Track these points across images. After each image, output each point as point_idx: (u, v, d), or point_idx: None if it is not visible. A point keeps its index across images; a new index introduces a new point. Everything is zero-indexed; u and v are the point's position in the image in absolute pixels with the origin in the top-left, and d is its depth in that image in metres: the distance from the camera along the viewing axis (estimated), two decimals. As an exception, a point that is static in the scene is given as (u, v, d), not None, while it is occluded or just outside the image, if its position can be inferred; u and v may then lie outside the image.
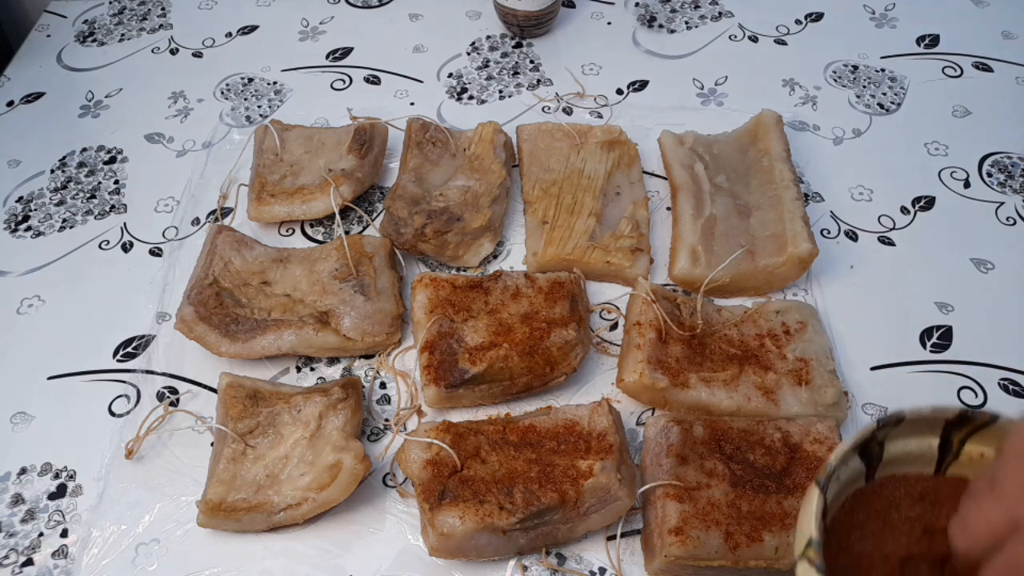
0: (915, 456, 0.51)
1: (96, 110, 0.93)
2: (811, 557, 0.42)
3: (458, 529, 0.56)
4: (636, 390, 0.65)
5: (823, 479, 0.45)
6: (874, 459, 0.50)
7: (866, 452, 0.49)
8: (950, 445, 0.50)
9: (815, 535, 0.42)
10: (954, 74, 0.96)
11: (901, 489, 0.50)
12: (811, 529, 0.43)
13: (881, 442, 0.49)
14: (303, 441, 0.62)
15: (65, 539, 0.62)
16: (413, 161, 0.80)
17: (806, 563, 0.42)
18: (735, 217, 0.77)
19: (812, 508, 0.44)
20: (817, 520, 0.43)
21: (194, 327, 0.68)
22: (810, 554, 0.42)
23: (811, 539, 0.42)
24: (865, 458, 0.49)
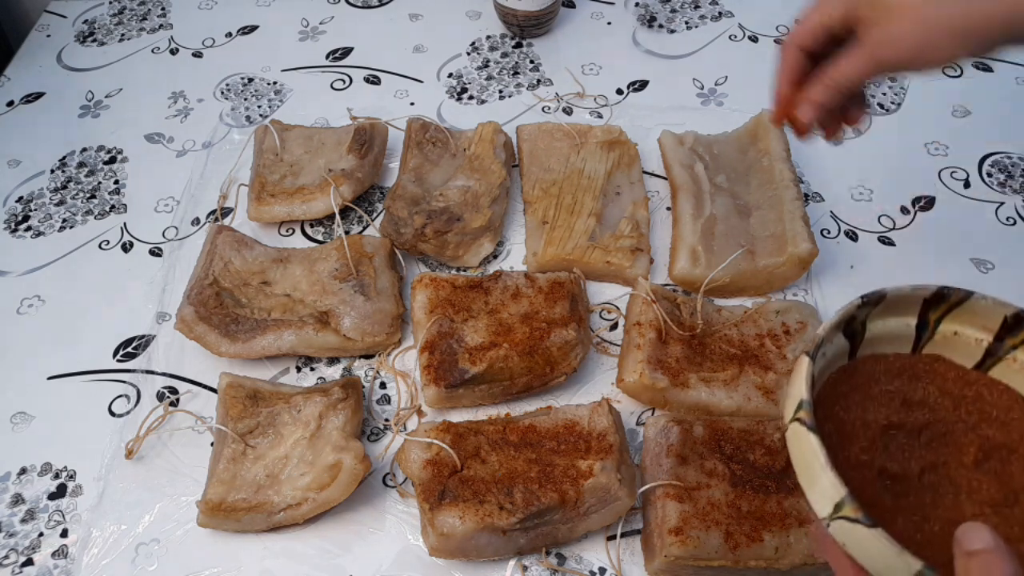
0: (894, 335, 0.54)
1: (96, 110, 0.93)
2: (802, 417, 0.45)
3: (458, 529, 0.56)
4: (636, 390, 0.65)
5: (812, 349, 0.47)
6: (856, 338, 0.53)
7: (849, 331, 0.52)
8: (927, 324, 0.53)
9: (806, 396, 0.45)
10: (954, 74, 0.96)
11: (881, 365, 0.53)
12: (802, 392, 0.45)
13: (863, 321, 0.52)
14: (303, 441, 0.62)
15: (65, 539, 0.62)
16: (413, 161, 0.80)
17: (797, 424, 0.45)
18: (735, 217, 0.77)
19: (802, 374, 0.46)
20: (807, 384, 0.46)
21: (194, 327, 0.68)
22: (801, 415, 0.45)
23: (802, 400, 0.45)
24: (848, 337, 0.52)
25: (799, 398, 0.46)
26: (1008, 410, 0.52)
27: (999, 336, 0.52)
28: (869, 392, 0.52)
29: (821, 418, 0.50)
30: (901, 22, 0.46)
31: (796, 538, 0.56)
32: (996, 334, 0.52)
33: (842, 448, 0.49)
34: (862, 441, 0.50)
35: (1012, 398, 0.52)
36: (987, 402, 0.52)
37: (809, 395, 0.45)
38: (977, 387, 0.53)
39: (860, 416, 0.51)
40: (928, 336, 0.54)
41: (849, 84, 0.50)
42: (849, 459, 0.49)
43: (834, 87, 0.50)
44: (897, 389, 0.52)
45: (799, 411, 0.45)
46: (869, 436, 0.50)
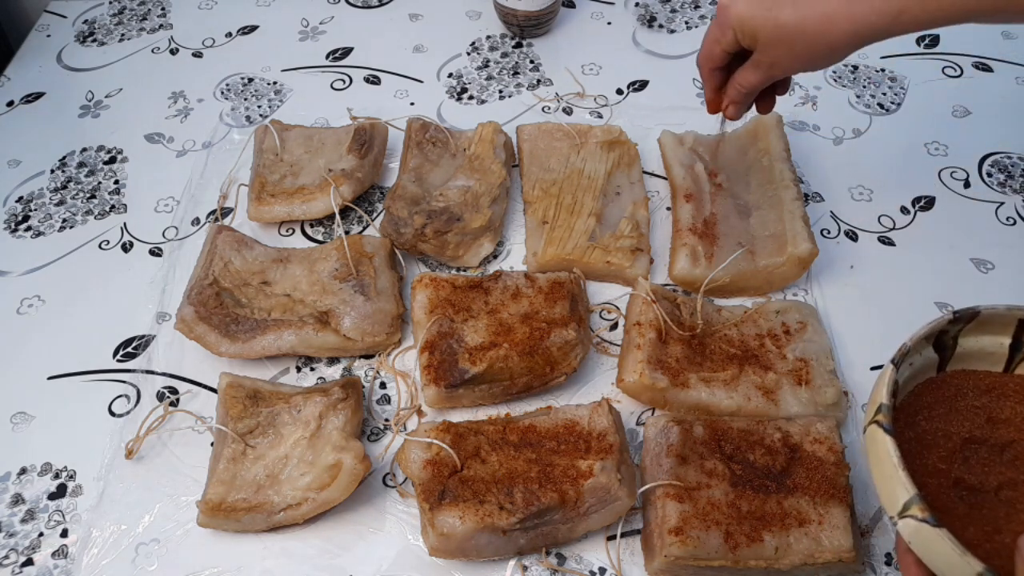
0: (987, 353, 0.54)
1: (96, 110, 0.93)
2: (880, 420, 0.45)
3: (458, 529, 0.56)
4: (636, 390, 0.65)
5: (897, 356, 0.48)
6: (947, 351, 0.53)
7: (939, 344, 0.52)
8: (1021, 344, 0.53)
9: (886, 401, 0.46)
10: (954, 74, 0.96)
11: (969, 381, 0.53)
12: (883, 396, 0.46)
13: (955, 336, 0.52)
14: (303, 441, 0.62)
15: (65, 539, 0.62)
16: (413, 161, 0.80)
17: (875, 426, 0.45)
18: (735, 217, 0.77)
19: (885, 379, 0.47)
20: (889, 389, 0.46)
21: (194, 327, 0.68)
22: (879, 417, 0.45)
23: (881, 404, 0.46)
24: (938, 350, 0.52)
25: (879, 402, 0.46)
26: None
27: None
28: (955, 405, 0.52)
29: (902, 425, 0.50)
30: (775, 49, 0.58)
31: (796, 538, 0.56)
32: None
33: (920, 456, 0.49)
34: (941, 451, 0.50)
35: None
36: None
37: (889, 399, 0.46)
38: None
39: (942, 427, 0.51)
40: (1022, 357, 0.53)
41: (752, 88, 0.63)
42: (926, 466, 0.49)
43: (743, 91, 0.64)
44: (984, 405, 0.52)
45: (878, 414, 0.45)
46: (949, 447, 0.50)
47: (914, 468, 0.47)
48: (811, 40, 0.56)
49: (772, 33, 0.57)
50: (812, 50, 0.56)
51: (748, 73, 0.61)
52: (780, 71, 0.60)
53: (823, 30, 0.55)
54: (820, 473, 0.59)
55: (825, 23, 0.55)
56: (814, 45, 0.56)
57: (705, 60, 0.63)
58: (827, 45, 0.56)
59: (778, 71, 0.60)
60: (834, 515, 0.57)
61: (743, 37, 0.59)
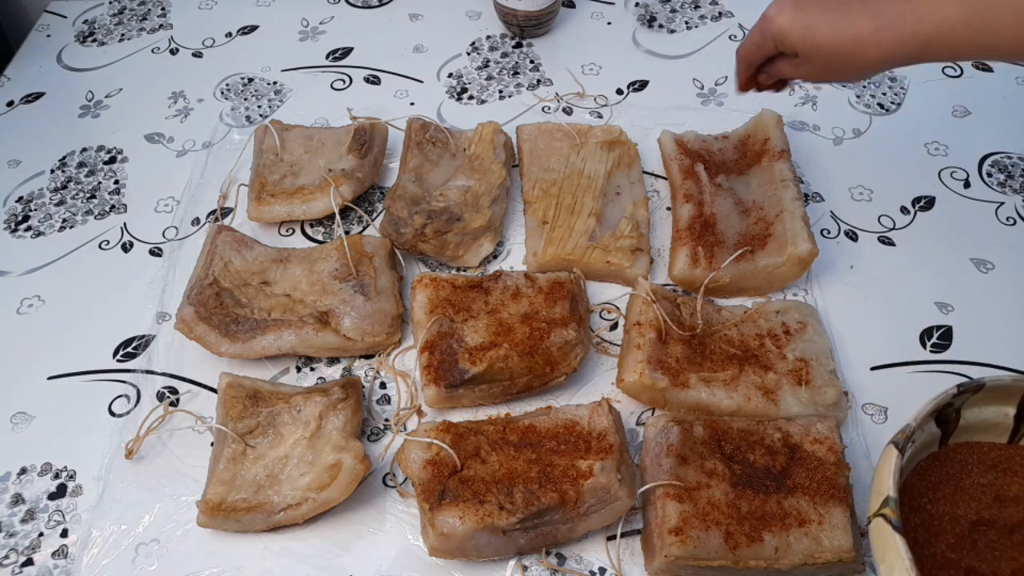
0: (991, 424, 0.52)
1: (96, 110, 0.93)
2: (887, 515, 0.43)
3: (458, 529, 0.56)
4: (636, 390, 0.65)
5: (901, 441, 0.46)
6: (950, 424, 0.51)
7: (942, 417, 0.50)
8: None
9: (892, 493, 0.43)
10: (954, 74, 0.96)
11: (974, 456, 0.52)
12: (888, 488, 0.44)
13: (958, 408, 0.50)
14: (303, 441, 0.62)
15: (65, 539, 0.62)
16: (413, 161, 0.80)
17: (882, 520, 0.43)
18: (735, 217, 0.77)
19: (890, 468, 0.45)
20: (894, 480, 0.44)
21: (194, 327, 0.68)
22: (886, 512, 0.43)
23: (888, 497, 0.44)
24: (941, 423, 0.50)
25: (885, 494, 0.44)
26: None
27: None
28: (960, 484, 0.50)
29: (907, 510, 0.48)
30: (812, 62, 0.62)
31: (796, 538, 0.56)
32: None
33: (928, 544, 0.47)
34: (949, 537, 0.48)
35: None
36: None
37: (896, 491, 0.44)
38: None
39: (949, 510, 0.49)
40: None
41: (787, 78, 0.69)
42: (935, 556, 0.47)
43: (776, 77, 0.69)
44: (990, 483, 0.50)
45: (884, 507, 0.43)
46: (957, 532, 0.48)
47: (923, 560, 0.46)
48: (844, 60, 0.59)
49: (808, 51, 0.61)
50: (845, 69, 0.61)
51: (787, 67, 0.66)
52: (816, 79, 0.66)
53: (854, 52, 0.58)
54: (820, 473, 0.59)
55: (856, 47, 0.58)
56: (846, 65, 0.60)
57: (744, 58, 0.68)
58: (858, 67, 0.60)
59: (814, 78, 0.66)
60: (834, 515, 0.57)
61: (783, 48, 0.63)
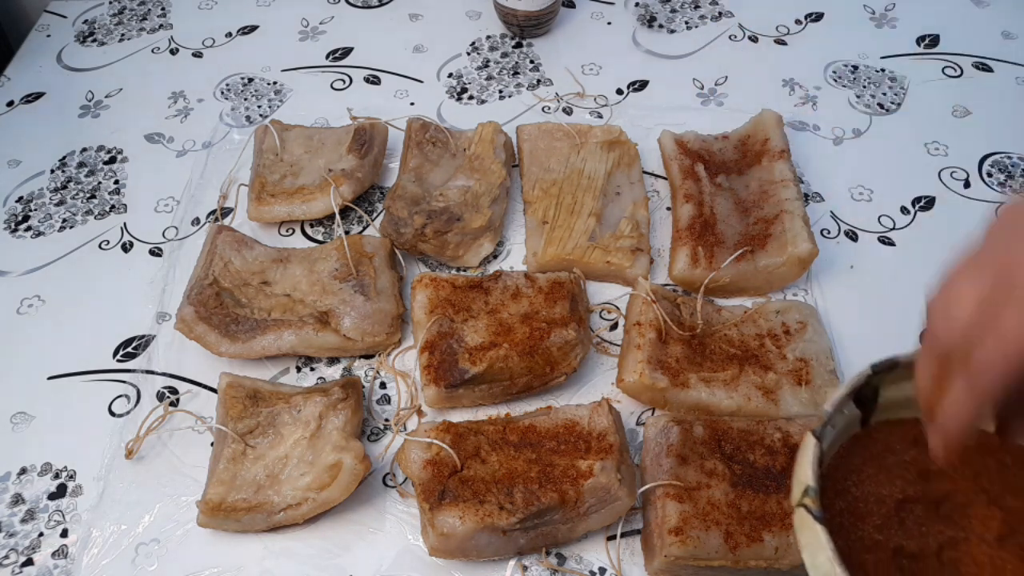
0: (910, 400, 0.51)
1: (96, 110, 0.93)
2: (808, 504, 0.42)
3: (458, 529, 0.56)
4: (636, 390, 0.65)
5: (819, 428, 0.45)
6: (869, 404, 0.50)
7: (860, 398, 0.50)
8: None
9: (811, 483, 0.43)
10: (954, 74, 0.96)
11: (896, 433, 0.51)
12: (807, 477, 0.43)
13: (876, 387, 0.50)
14: (303, 441, 0.62)
15: (65, 539, 0.62)
16: (413, 161, 0.80)
17: (803, 511, 0.43)
18: (735, 217, 0.77)
19: (808, 456, 0.44)
20: (813, 468, 0.44)
21: (194, 327, 0.68)
22: (807, 501, 0.43)
23: (807, 487, 0.43)
24: (860, 404, 0.50)
25: (804, 484, 0.43)
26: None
27: None
28: (883, 463, 0.50)
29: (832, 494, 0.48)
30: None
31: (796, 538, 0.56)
32: None
33: (854, 527, 0.47)
34: (876, 518, 0.47)
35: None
36: (1010, 471, 0.49)
37: (815, 480, 0.43)
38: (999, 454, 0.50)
39: (874, 491, 0.48)
40: None
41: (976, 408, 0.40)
42: (863, 539, 0.47)
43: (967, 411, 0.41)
44: (913, 459, 0.50)
45: (804, 497, 0.43)
46: (883, 512, 0.48)
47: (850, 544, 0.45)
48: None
49: None
50: None
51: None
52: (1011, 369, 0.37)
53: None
54: (820, 473, 0.58)
55: None
56: None
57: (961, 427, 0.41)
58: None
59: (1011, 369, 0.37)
60: (834, 515, 0.57)
61: None
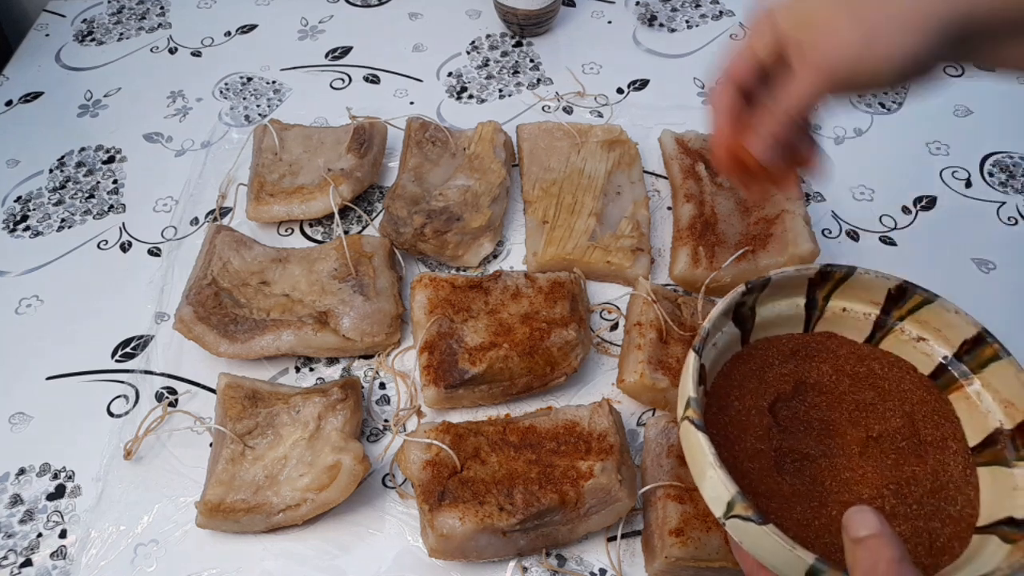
0: (785, 317, 0.54)
1: (95, 109, 0.93)
2: (690, 416, 0.44)
3: (458, 530, 0.55)
4: (636, 390, 0.65)
5: (698, 343, 0.48)
6: (747, 323, 0.53)
7: (739, 318, 0.52)
8: (815, 303, 0.54)
9: (692, 394, 0.45)
10: (955, 73, 0.96)
11: (773, 348, 0.54)
12: (689, 390, 0.45)
13: (752, 307, 0.53)
14: (302, 442, 0.62)
15: (64, 540, 0.62)
16: (413, 161, 0.80)
17: (687, 423, 0.45)
18: (736, 217, 0.77)
19: (689, 370, 0.46)
20: (694, 381, 0.46)
21: (193, 327, 0.68)
22: (689, 413, 0.45)
23: (689, 399, 0.45)
24: (739, 323, 0.53)
25: (687, 396, 0.45)
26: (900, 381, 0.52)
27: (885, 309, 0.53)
28: (764, 377, 0.52)
29: (716, 410, 0.50)
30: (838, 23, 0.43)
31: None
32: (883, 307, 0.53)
33: (738, 439, 0.49)
34: (758, 430, 0.50)
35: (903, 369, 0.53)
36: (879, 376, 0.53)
37: (696, 391, 0.46)
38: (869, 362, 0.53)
39: (755, 403, 0.51)
40: (818, 315, 0.55)
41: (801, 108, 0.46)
42: (746, 449, 0.49)
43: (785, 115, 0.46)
44: (791, 371, 0.53)
45: (688, 409, 0.45)
46: (765, 424, 0.50)
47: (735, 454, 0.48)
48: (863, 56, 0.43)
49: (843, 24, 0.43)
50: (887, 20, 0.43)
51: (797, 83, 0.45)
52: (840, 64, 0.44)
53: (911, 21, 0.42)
54: (820, 473, 0.59)
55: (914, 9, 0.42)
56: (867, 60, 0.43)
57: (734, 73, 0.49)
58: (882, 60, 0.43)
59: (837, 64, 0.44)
60: (834, 515, 0.57)
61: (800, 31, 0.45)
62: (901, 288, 0.52)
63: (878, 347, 0.54)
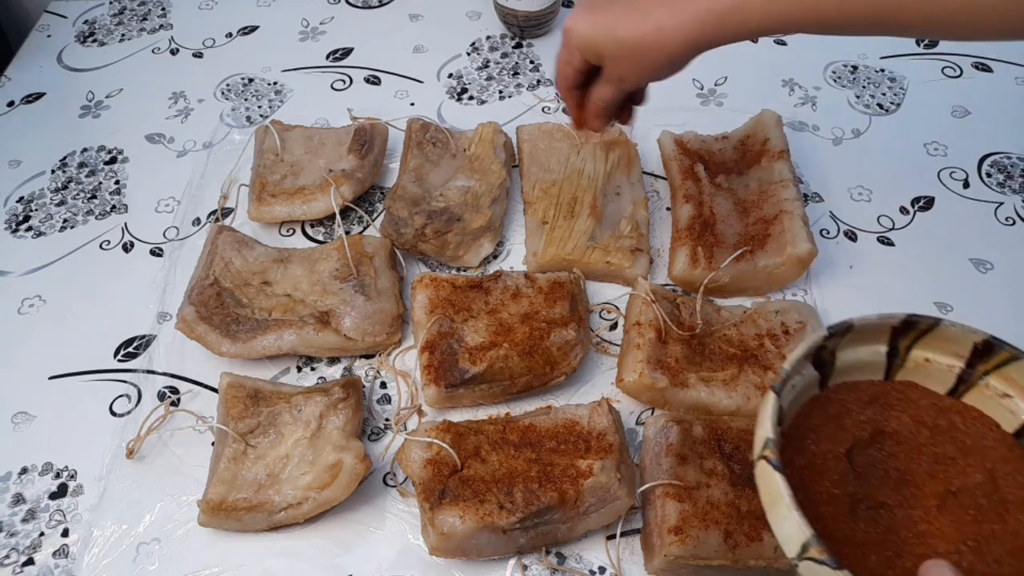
0: (865, 363, 0.54)
1: (96, 110, 0.94)
2: (767, 456, 0.44)
3: (458, 528, 0.56)
4: (636, 390, 0.66)
5: (778, 384, 0.47)
6: (827, 367, 0.53)
7: (819, 361, 0.52)
8: (897, 351, 0.54)
9: (771, 435, 0.45)
10: (953, 74, 0.96)
11: (852, 394, 0.53)
12: (767, 430, 0.45)
13: (832, 351, 0.52)
14: (304, 441, 0.62)
15: (66, 539, 0.62)
16: (413, 161, 0.80)
17: (764, 462, 0.44)
18: (735, 217, 0.77)
19: (768, 411, 0.46)
20: (772, 422, 0.45)
21: (195, 327, 0.68)
22: (767, 453, 0.44)
23: (767, 439, 0.45)
24: (818, 367, 0.52)
25: (765, 436, 0.45)
26: (982, 438, 0.51)
27: (970, 363, 0.52)
28: (842, 422, 0.51)
29: (792, 452, 0.49)
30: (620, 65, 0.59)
31: (795, 537, 0.56)
32: (967, 360, 0.52)
33: (814, 483, 0.48)
34: (833, 475, 0.49)
35: (986, 425, 0.52)
36: (960, 430, 0.52)
37: (775, 432, 0.45)
38: (951, 415, 0.52)
39: (832, 449, 0.50)
40: (899, 363, 0.54)
41: (608, 102, 0.64)
42: (821, 494, 0.48)
43: (600, 106, 0.64)
44: (869, 419, 0.52)
45: (765, 448, 0.45)
46: (841, 469, 0.49)
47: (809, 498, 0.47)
48: (650, 53, 0.57)
49: (615, 51, 0.58)
50: (654, 62, 0.58)
51: (602, 89, 0.63)
52: (629, 84, 0.62)
53: (658, 42, 0.56)
54: (819, 472, 0.59)
55: (658, 36, 0.56)
56: (654, 57, 0.57)
57: (561, 82, 0.65)
58: (666, 56, 0.57)
59: (628, 84, 0.62)
60: (833, 514, 0.57)
61: (590, 56, 0.60)
62: (988, 343, 0.51)
63: (960, 400, 0.53)
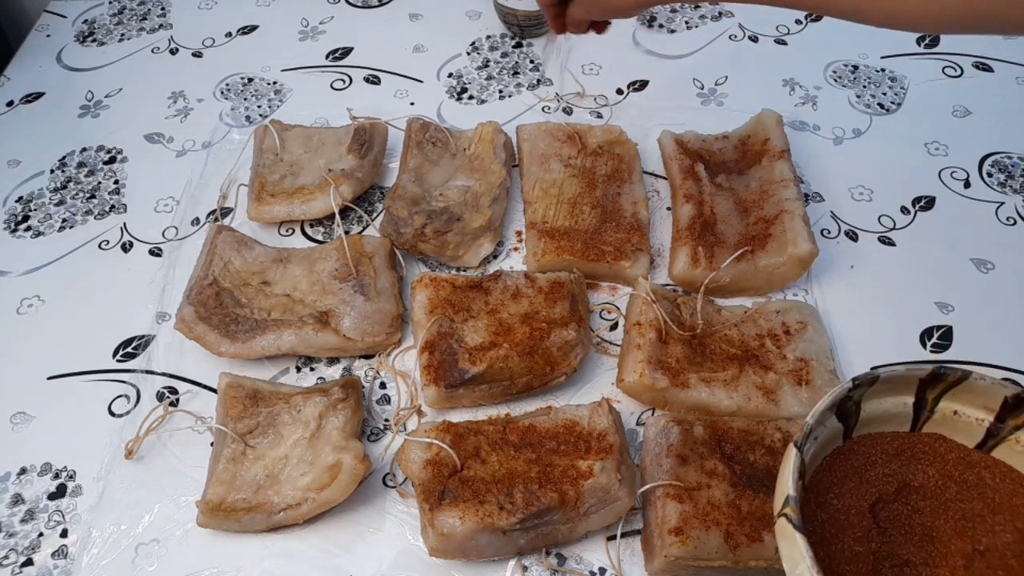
0: (891, 415, 0.52)
1: (96, 110, 0.93)
2: (788, 514, 0.43)
3: (458, 529, 0.56)
4: (636, 390, 0.65)
5: (800, 439, 0.46)
6: (851, 418, 0.51)
7: (843, 412, 0.51)
8: (925, 403, 0.52)
9: (792, 492, 0.44)
10: (954, 74, 0.96)
11: (877, 447, 0.52)
12: (788, 487, 0.44)
13: (857, 402, 0.51)
14: (303, 441, 0.62)
15: (65, 539, 0.62)
16: (413, 161, 0.80)
17: (784, 520, 0.43)
18: (735, 217, 0.77)
19: (790, 467, 0.45)
20: (794, 478, 0.44)
21: (194, 327, 0.68)
22: (787, 511, 0.43)
23: (788, 496, 0.44)
24: (842, 418, 0.51)
25: (786, 493, 0.44)
26: (1012, 495, 0.50)
27: (1000, 416, 0.51)
28: (865, 476, 0.50)
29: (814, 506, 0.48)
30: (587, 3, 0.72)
31: (796, 538, 0.56)
32: (997, 414, 0.51)
33: (836, 539, 0.48)
34: (856, 531, 0.48)
35: (1016, 481, 0.50)
36: (989, 486, 0.50)
37: (795, 490, 0.44)
38: (979, 469, 0.51)
39: (855, 503, 0.49)
40: (927, 416, 0.53)
41: (582, 20, 0.76)
42: (843, 551, 0.47)
43: (574, 20, 0.76)
44: (894, 472, 0.51)
45: (785, 507, 0.44)
46: (864, 525, 0.48)
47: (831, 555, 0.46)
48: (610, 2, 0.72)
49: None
50: (615, 8, 0.72)
51: (575, 9, 0.75)
52: (595, 15, 0.75)
53: None
54: (820, 473, 0.59)
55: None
56: (615, 4, 0.72)
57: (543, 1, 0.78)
58: (620, 9, 0.73)
59: (593, 14, 0.75)
60: (834, 515, 0.57)
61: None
62: (1019, 397, 0.50)
63: (990, 455, 0.52)
